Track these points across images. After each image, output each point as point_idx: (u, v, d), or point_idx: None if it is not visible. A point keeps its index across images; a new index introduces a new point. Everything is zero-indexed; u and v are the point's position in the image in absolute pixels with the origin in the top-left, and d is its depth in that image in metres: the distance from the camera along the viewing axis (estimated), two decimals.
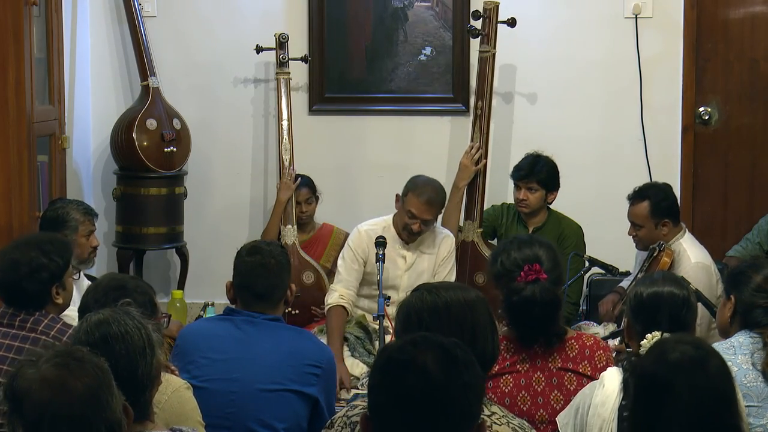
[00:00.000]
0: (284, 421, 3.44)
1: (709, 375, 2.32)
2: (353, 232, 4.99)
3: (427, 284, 2.81)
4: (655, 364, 2.38)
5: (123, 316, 2.52)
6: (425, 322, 2.60)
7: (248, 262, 3.56)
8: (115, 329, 2.49)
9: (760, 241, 5.18)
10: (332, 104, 6.10)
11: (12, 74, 4.80)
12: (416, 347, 2.07)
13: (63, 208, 4.57)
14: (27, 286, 3.46)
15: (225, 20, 6.09)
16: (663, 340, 2.65)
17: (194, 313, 5.53)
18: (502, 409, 2.65)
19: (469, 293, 2.73)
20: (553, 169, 5.28)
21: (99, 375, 2.09)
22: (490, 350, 2.67)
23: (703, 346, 2.42)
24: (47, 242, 3.57)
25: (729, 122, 6.00)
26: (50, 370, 2.06)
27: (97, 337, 2.48)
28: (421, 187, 4.87)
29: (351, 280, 4.89)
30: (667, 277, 3.20)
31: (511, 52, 5.86)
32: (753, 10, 5.95)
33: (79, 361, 2.09)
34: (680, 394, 2.29)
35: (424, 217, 4.84)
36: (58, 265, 3.51)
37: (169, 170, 5.75)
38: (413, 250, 4.98)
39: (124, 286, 3.14)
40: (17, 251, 3.52)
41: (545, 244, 3.40)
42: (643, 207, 4.79)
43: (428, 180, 4.95)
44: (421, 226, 4.86)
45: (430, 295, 2.67)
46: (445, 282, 2.89)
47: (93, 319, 2.53)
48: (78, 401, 2.04)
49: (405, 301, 2.72)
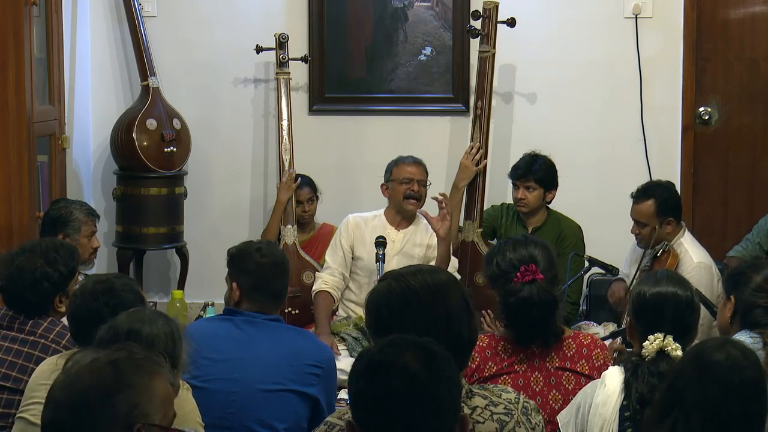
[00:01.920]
0: (284, 422, 3.43)
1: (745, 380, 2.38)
2: (342, 221, 5.22)
3: (393, 272, 2.62)
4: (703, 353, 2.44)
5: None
6: (396, 313, 2.48)
7: (263, 264, 3.55)
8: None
9: (760, 241, 5.18)
10: (332, 104, 6.10)
11: (12, 74, 4.80)
12: (394, 348, 2.07)
13: (66, 208, 4.57)
14: (29, 296, 3.46)
15: (225, 20, 6.09)
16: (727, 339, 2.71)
17: (194, 313, 5.53)
18: (484, 395, 2.52)
19: (439, 275, 2.58)
20: (551, 167, 5.29)
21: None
22: (466, 334, 2.52)
23: (750, 356, 2.46)
24: (53, 250, 3.56)
25: (729, 122, 6.00)
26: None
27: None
28: (399, 158, 5.22)
29: (336, 266, 5.10)
30: (671, 277, 3.19)
31: (511, 52, 5.86)
32: (753, 10, 5.95)
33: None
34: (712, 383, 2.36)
35: (417, 176, 5.08)
36: (62, 275, 3.50)
37: (169, 170, 5.75)
38: (404, 236, 5.06)
39: (112, 287, 3.11)
40: (23, 258, 3.51)
41: (540, 243, 3.39)
42: (648, 205, 4.79)
43: (401, 155, 5.27)
44: (419, 187, 5.07)
45: (397, 283, 2.52)
46: (412, 266, 2.69)
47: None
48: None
49: (373, 291, 2.58)
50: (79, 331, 3.08)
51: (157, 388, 2.08)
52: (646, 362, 2.95)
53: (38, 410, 2.97)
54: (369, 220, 5.16)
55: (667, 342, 2.94)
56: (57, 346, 3.38)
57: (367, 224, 5.13)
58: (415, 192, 5.06)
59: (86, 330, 3.01)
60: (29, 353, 3.36)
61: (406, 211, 5.10)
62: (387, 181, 5.17)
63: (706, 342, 2.54)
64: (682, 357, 2.75)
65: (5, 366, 3.33)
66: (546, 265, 3.30)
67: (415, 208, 5.10)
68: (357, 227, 5.12)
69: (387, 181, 5.17)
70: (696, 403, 2.37)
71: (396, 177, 5.11)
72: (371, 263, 4.98)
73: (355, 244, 5.10)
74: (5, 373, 3.33)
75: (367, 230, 5.09)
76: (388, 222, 5.13)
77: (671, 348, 2.94)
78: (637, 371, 2.95)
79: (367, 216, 5.19)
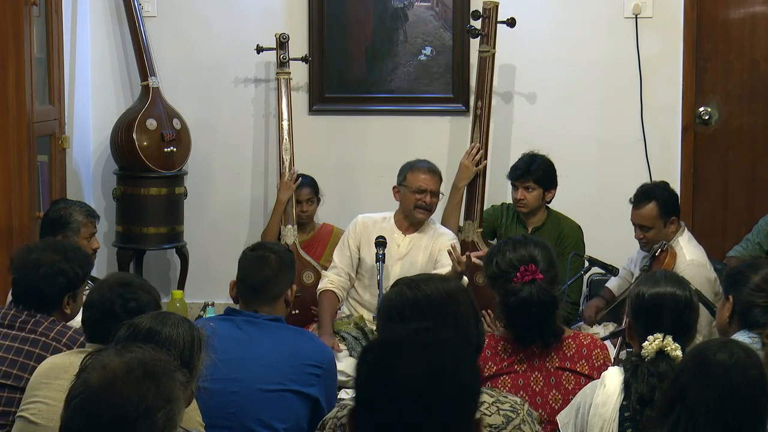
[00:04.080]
0: (285, 422, 3.43)
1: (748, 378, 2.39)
2: (352, 221, 5.17)
3: (405, 278, 2.74)
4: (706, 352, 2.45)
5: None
6: (407, 318, 2.57)
7: (248, 256, 3.63)
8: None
9: (760, 242, 5.18)
10: (332, 104, 6.10)
11: (12, 74, 4.81)
12: (411, 334, 1.94)
13: (66, 210, 4.57)
14: (44, 287, 3.46)
15: (225, 20, 6.09)
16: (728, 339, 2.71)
17: (194, 313, 5.53)
18: (491, 394, 2.61)
19: (449, 284, 2.71)
20: (550, 167, 5.29)
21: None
22: (474, 339, 2.65)
23: (753, 356, 2.47)
24: (71, 250, 3.59)
25: (729, 122, 6.00)
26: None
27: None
28: (415, 163, 5.11)
29: (342, 266, 5.08)
30: (669, 277, 3.19)
31: (511, 52, 5.86)
32: (753, 10, 5.95)
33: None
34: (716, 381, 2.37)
35: (431, 187, 5.00)
36: (77, 274, 3.51)
37: (169, 170, 5.75)
38: (410, 241, 5.03)
39: (130, 283, 3.17)
40: (41, 252, 3.53)
41: (540, 243, 3.40)
42: (650, 208, 4.77)
43: (418, 159, 5.17)
44: (431, 198, 5.00)
45: (410, 289, 2.63)
46: (424, 274, 2.84)
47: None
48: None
49: (385, 297, 2.70)
50: (90, 317, 3.12)
51: (184, 398, 2.16)
52: (646, 362, 2.95)
53: (39, 409, 3.00)
54: (378, 222, 5.10)
55: (666, 342, 2.94)
56: (58, 344, 3.38)
57: (375, 226, 5.07)
58: (427, 203, 5.00)
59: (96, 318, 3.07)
60: (30, 351, 3.36)
61: (418, 220, 5.05)
62: (399, 184, 5.08)
63: (709, 342, 2.55)
64: (684, 356, 2.75)
65: (6, 364, 3.33)
66: (546, 265, 3.30)
67: (425, 218, 5.05)
68: (365, 228, 5.08)
69: (399, 184, 5.08)
70: (699, 402, 2.37)
71: (409, 185, 5.01)
72: (374, 265, 4.96)
73: (361, 245, 5.07)
74: (6, 372, 3.33)
75: (374, 232, 5.01)
76: (396, 226, 5.08)
77: (671, 348, 2.94)
78: (637, 371, 2.95)
79: (376, 218, 5.12)
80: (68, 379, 2.19)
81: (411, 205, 5.01)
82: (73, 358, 3.03)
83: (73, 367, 2.19)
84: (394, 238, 5.01)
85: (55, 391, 2.95)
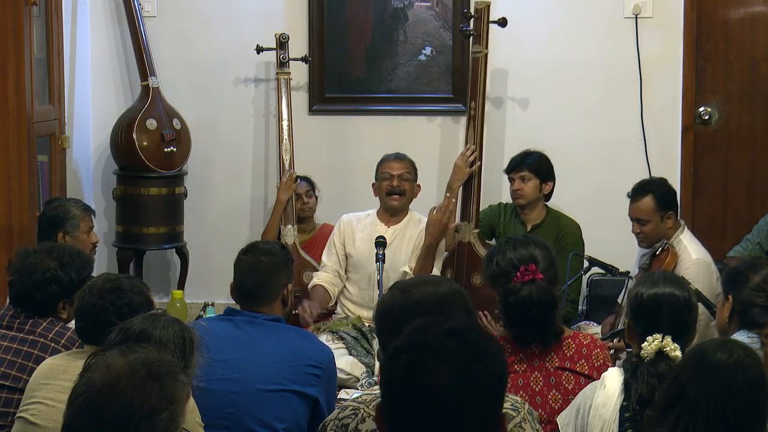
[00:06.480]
0: (284, 422, 3.43)
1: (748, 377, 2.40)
2: (337, 221, 5.35)
3: (400, 282, 2.76)
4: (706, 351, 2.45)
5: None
6: (397, 322, 2.53)
7: (241, 261, 3.62)
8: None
9: (760, 242, 5.18)
10: (332, 104, 6.10)
11: (12, 74, 4.80)
12: (442, 334, 1.89)
13: (62, 206, 4.58)
14: (36, 295, 3.46)
15: (225, 20, 6.09)
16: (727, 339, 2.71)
17: (194, 313, 5.53)
18: None
19: (442, 287, 2.69)
20: (545, 159, 5.35)
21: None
22: None
23: (753, 356, 2.47)
24: (69, 255, 3.56)
25: (729, 122, 6.00)
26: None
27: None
28: (384, 156, 5.32)
29: (330, 264, 5.26)
30: (668, 277, 3.19)
31: (510, 52, 5.86)
32: (753, 10, 5.95)
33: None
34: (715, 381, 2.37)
35: (397, 171, 5.16)
36: (71, 281, 3.49)
37: (169, 170, 5.76)
38: (393, 231, 5.16)
39: (120, 287, 3.11)
40: (37, 256, 3.52)
41: (540, 243, 3.39)
42: (647, 201, 4.77)
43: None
44: (400, 182, 5.15)
45: (401, 294, 2.65)
46: (420, 277, 2.82)
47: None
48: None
49: (380, 300, 2.72)
50: (84, 326, 3.10)
51: (187, 399, 2.15)
52: (646, 363, 2.95)
53: (38, 410, 2.99)
54: (361, 218, 5.30)
55: (665, 342, 2.95)
56: (56, 345, 3.38)
57: (359, 222, 5.27)
58: (396, 187, 5.17)
59: (90, 326, 3.04)
60: (28, 352, 3.36)
61: (392, 207, 5.19)
62: (375, 179, 5.29)
63: (708, 341, 2.55)
64: (683, 356, 2.75)
65: (4, 365, 3.33)
66: (546, 265, 3.30)
67: (398, 204, 5.19)
68: (348, 225, 5.27)
69: (375, 179, 5.29)
70: (699, 401, 2.37)
71: (380, 176, 5.24)
72: (362, 260, 5.14)
73: (345, 241, 5.25)
74: (4, 372, 3.33)
75: (357, 227, 5.23)
76: (378, 219, 5.24)
77: (670, 348, 2.94)
78: (637, 372, 2.95)
79: (359, 214, 5.33)
80: (68, 380, 2.20)
81: (383, 194, 5.20)
82: (73, 358, 3.04)
83: (73, 368, 2.20)
84: (378, 230, 5.15)
85: (55, 391, 2.94)
